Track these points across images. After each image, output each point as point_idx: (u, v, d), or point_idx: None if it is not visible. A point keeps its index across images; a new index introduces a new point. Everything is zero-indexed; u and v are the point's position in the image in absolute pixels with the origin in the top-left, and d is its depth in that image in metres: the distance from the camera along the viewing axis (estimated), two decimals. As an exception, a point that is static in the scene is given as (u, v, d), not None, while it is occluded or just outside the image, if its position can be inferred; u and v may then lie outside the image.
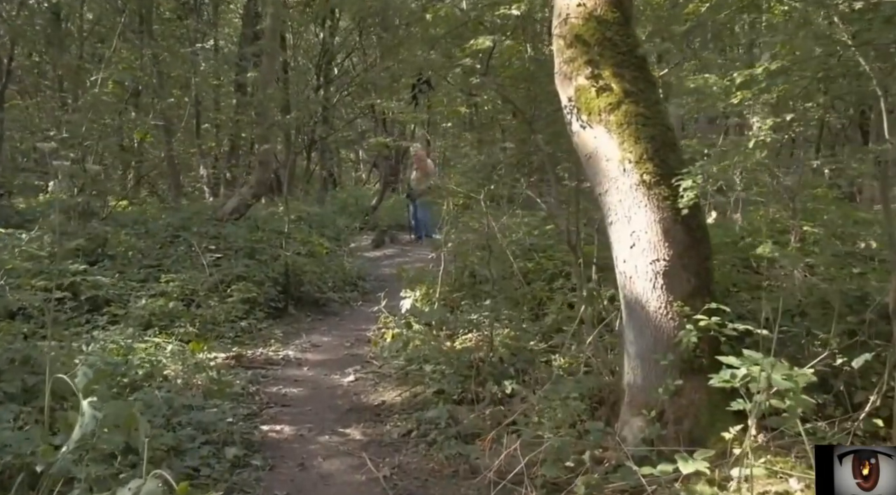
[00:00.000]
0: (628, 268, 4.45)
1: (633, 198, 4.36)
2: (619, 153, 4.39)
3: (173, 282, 8.32)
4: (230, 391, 5.79)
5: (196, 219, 10.61)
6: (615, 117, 4.42)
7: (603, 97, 4.46)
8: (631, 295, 4.48)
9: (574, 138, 4.66)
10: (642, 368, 4.45)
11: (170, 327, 7.50)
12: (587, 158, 4.56)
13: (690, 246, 4.36)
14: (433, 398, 5.46)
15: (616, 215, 4.45)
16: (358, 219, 16.60)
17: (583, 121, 4.53)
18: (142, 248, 9.85)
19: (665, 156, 4.38)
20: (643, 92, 4.49)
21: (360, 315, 9.25)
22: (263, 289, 8.59)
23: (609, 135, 4.43)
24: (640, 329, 4.46)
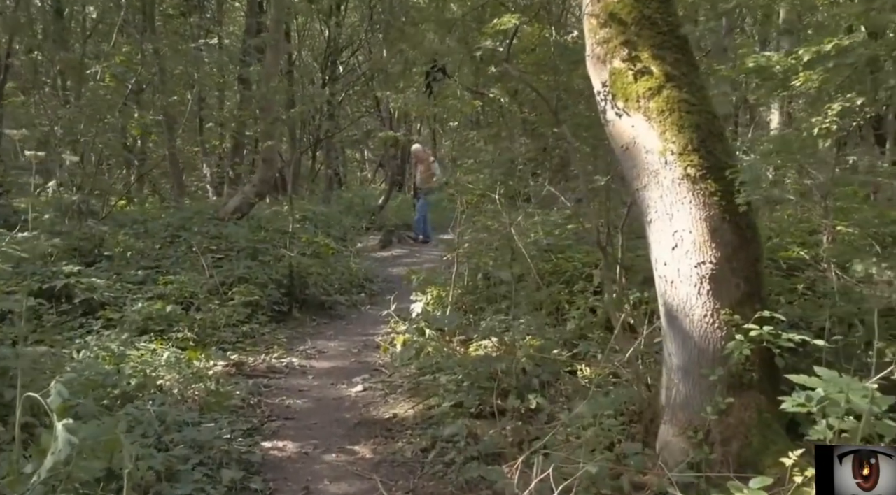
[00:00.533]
0: (669, 271, 3.98)
1: (676, 194, 3.89)
2: (661, 144, 3.92)
3: (172, 284, 7.88)
4: (229, 403, 5.32)
5: (197, 219, 10.17)
6: (655, 104, 3.95)
7: (642, 82, 3.99)
8: (672, 301, 4.01)
9: (608, 128, 4.19)
10: (685, 383, 3.98)
11: (167, 332, 7.06)
12: (623, 150, 4.09)
13: (740, 247, 3.89)
14: (449, 412, 4.99)
15: (656, 213, 3.98)
16: (364, 219, 16.15)
17: (619, 108, 4.06)
18: (140, 249, 9.41)
19: (712, 146, 3.91)
20: (686, 75, 4.02)
21: (367, 318, 8.79)
22: (266, 292, 8.14)
23: (649, 123, 3.96)
24: (682, 339, 3.99)
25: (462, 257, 7.26)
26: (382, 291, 10.33)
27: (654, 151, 3.94)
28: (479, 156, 6.83)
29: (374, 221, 16.32)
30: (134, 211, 13.58)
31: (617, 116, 4.08)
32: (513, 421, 4.70)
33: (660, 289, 4.11)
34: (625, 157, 4.10)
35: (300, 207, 12.76)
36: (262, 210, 12.58)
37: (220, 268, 8.39)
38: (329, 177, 20.53)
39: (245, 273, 8.18)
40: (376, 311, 9.08)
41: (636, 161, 4.03)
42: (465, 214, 7.49)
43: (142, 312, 7.21)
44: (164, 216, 10.69)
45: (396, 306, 7.49)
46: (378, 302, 9.70)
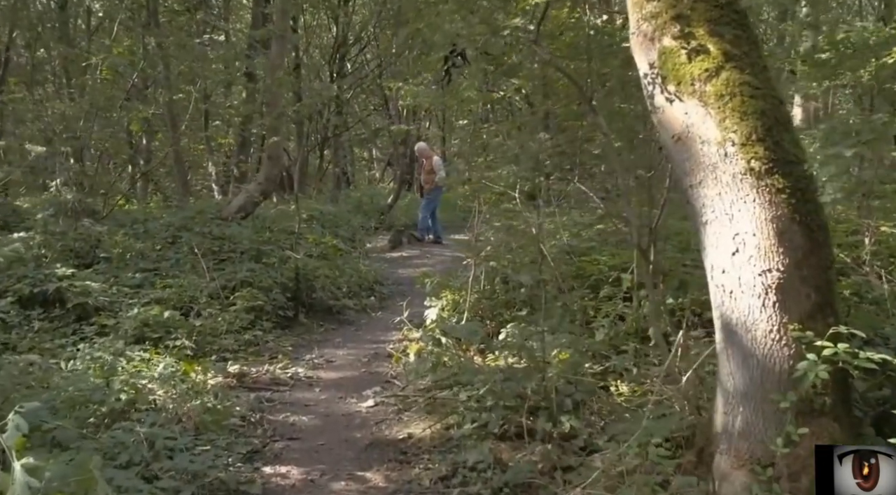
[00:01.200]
0: (729, 280, 3.44)
1: (738, 191, 3.35)
2: (720, 133, 3.38)
3: (170, 288, 7.38)
4: (227, 423, 4.81)
5: (199, 219, 9.67)
6: (713, 87, 3.41)
7: (697, 62, 3.45)
8: (731, 315, 3.47)
9: (656, 116, 3.65)
10: (746, 408, 3.44)
11: (164, 339, 6.57)
12: (674, 141, 3.55)
13: (810, 251, 3.35)
14: (471, 433, 4.46)
15: (713, 213, 3.44)
16: (373, 219, 15.64)
17: (669, 93, 3.52)
18: (140, 250, 8.93)
19: (778, 136, 3.37)
20: (747, 55, 3.48)
21: (378, 324, 8.27)
22: (271, 296, 7.62)
23: (706, 110, 3.42)
24: (742, 358, 3.45)
25: (480, 259, 6.72)
26: (393, 294, 9.82)
27: (712, 142, 3.40)
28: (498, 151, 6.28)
29: (384, 221, 15.81)
30: (136, 210, 13.12)
31: (667, 102, 3.54)
32: (542, 445, 4.17)
33: (716, 300, 3.57)
34: (676, 149, 3.56)
35: (307, 207, 12.25)
36: (267, 209, 12.09)
37: (222, 271, 7.89)
38: (337, 175, 20.03)
39: (248, 276, 7.67)
40: (387, 316, 8.56)
41: (689, 153, 3.49)
42: (482, 214, 6.95)
43: (137, 318, 6.72)
44: (164, 216, 10.19)
45: (408, 311, 6.96)
46: (388, 306, 9.18)
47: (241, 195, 10.17)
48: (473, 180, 6.14)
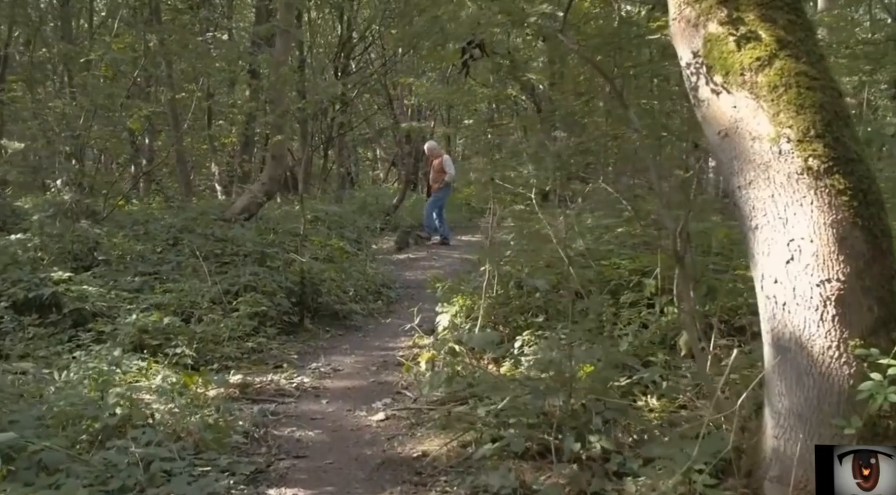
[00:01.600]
0: (781, 291, 3.10)
1: (794, 193, 3.01)
2: (773, 128, 3.04)
3: (170, 292, 7.06)
4: (229, 440, 4.47)
5: (201, 220, 9.34)
6: (766, 77, 3.07)
7: (747, 50, 3.11)
8: (783, 329, 3.13)
9: (700, 110, 3.31)
10: (800, 432, 3.10)
11: (164, 347, 6.24)
12: (721, 137, 3.21)
13: (873, 260, 3.02)
14: (491, 452, 4.12)
15: (764, 217, 3.10)
16: (378, 219, 15.31)
17: (716, 84, 3.18)
18: (140, 252, 8.61)
19: (838, 132, 3.04)
20: (802, 42, 3.14)
21: (386, 329, 7.94)
22: (275, 301, 7.29)
23: (757, 103, 3.08)
24: (796, 377, 3.12)
25: (497, 264, 6.38)
26: (401, 298, 9.49)
27: (764, 138, 3.06)
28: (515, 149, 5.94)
29: (389, 222, 15.49)
30: (137, 211, 12.82)
31: (713, 94, 3.20)
32: (570, 467, 3.83)
33: (766, 312, 3.23)
34: (722, 147, 3.22)
35: (311, 207, 11.93)
36: (271, 210, 11.77)
37: (225, 275, 7.57)
38: (342, 175, 19.70)
39: (251, 280, 7.34)
40: (395, 321, 8.23)
41: (738, 151, 3.15)
42: (496, 216, 6.61)
43: (136, 325, 6.39)
44: (165, 217, 9.86)
45: (417, 315, 6.62)
46: (396, 310, 8.86)
47: (244, 196, 9.84)
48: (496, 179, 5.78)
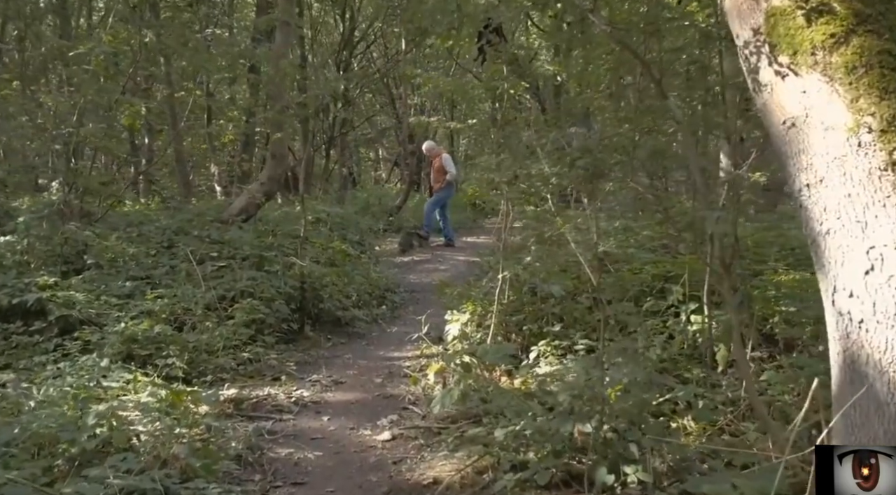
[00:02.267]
0: (858, 306, 2.62)
1: (875, 192, 2.54)
2: (851, 117, 2.57)
3: (162, 298, 6.59)
4: (219, 466, 4.01)
5: (197, 221, 8.88)
6: (842, 58, 2.61)
7: (819, 25, 2.65)
8: (858, 351, 2.66)
9: (761, 96, 2.84)
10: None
11: (154, 357, 5.79)
12: (787, 127, 2.74)
13: (968, 271, 2.54)
14: (512, 483, 3.66)
15: (838, 219, 2.63)
16: (381, 220, 14.86)
17: (781, 65, 2.72)
18: (134, 255, 8.16)
19: (928, 121, 2.56)
20: (884, 16, 2.68)
21: (390, 337, 7.49)
22: (273, 308, 6.83)
23: (831, 86, 2.62)
24: (875, 407, 2.64)
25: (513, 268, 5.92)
26: (406, 303, 9.04)
27: (840, 128, 2.59)
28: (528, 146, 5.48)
29: (392, 223, 15.04)
30: (134, 212, 12.38)
31: (778, 78, 2.74)
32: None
33: (836, 330, 2.76)
34: (787, 138, 2.75)
35: (313, 208, 11.47)
36: (270, 211, 11.31)
37: (220, 280, 7.11)
38: (343, 176, 19.25)
39: (249, 285, 6.87)
40: (400, 328, 7.78)
41: (807, 143, 2.68)
42: (510, 217, 6.15)
43: (124, 333, 5.94)
44: (161, 218, 9.40)
45: (424, 322, 6.17)
46: (401, 316, 8.40)
47: (242, 196, 9.38)
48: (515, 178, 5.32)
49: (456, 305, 6.63)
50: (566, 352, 5.70)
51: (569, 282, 6.19)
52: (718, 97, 4.05)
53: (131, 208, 13.59)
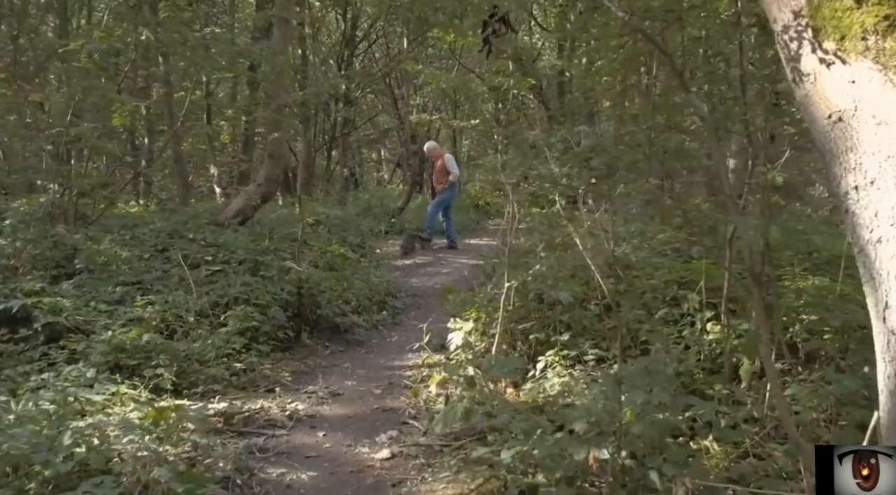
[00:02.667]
0: (915, 324, 2.32)
1: (936, 195, 2.24)
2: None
3: (153, 305, 6.29)
4: (205, 491, 3.70)
5: (192, 224, 8.58)
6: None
7: (871, 7, 2.34)
8: (915, 373, 2.35)
9: (803, 86, 2.53)
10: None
11: (143, 367, 5.50)
12: (833, 122, 2.43)
13: None
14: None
15: (892, 226, 2.32)
16: (383, 222, 14.56)
17: (826, 52, 2.41)
18: (126, 259, 7.86)
19: None
20: (943, -3, 2.36)
21: (391, 344, 7.18)
22: (269, 315, 6.52)
23: (884, 75, 2.31)
24: (934, 436, 2.34)
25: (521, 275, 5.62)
26: (407, 308, 8.74)
27: (893, 123, 2.28)
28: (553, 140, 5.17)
29: (394, 224, 14.74)
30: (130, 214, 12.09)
31: (822, 65, 2.42)
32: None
33: (885, 351, 2.45)
34: (833, 134, 2.44)
35: (312, 210, 11.17)
36: (270, 212, 11.01)
37: (214, 285, 6.80)
38: (345, 177, 18.95)
39: (243, 291, 6.56)
40: (401, 335, 7.47)
41: (856, 140, 2.37)
42: (516, 219, 5.84)
43: (112, 342, 5.64)
44: (155, 221, 9.10)
45: (426, 329, 5.87)
46: (402, 322, 8.09)
47: (238, 198, 9.07)
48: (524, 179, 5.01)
49: (459, 312, 6.32)
50: (575, 363, 5.40)
51: (577, 288, 5.88)
52: (741, 91, 3.74)
53: (127, 210, 13.33)
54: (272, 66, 7.92)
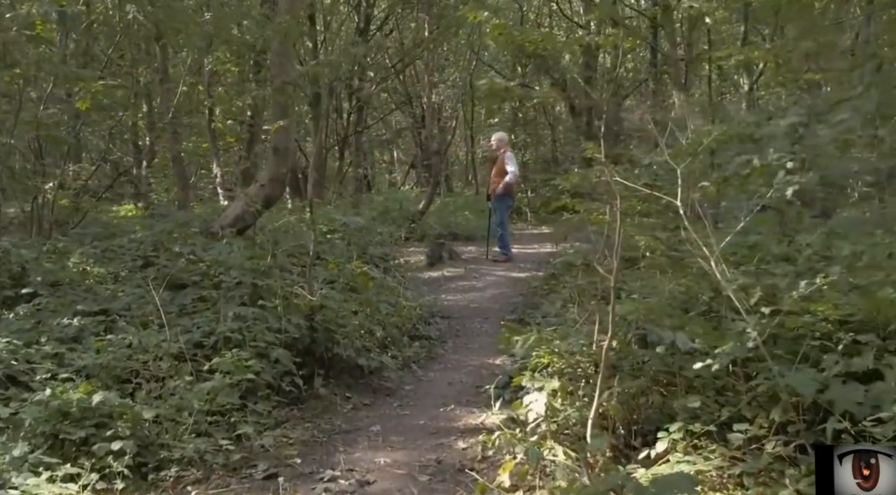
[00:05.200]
0: None
1: None
2: None
3: (112, 349, 4.52)
4: None
5: (180, 233, 6.82)
6: None
7: None
8: None
9: None
10: None
11: (93, 441, 3.76)
12: None
13: None
14: None
15: None
16: (403, 227, 12.79)
17: None
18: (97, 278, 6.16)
19: None
20: None
21: (430, 389, 5.43)
22: (271, 358, 4.72)
23: None
24: None
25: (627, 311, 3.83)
26: (442, 335, 6.98)
27: None
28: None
29: (415, 230, 12.96)
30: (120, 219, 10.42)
31: None
32: None
33: None
34: None
35: (325, 216, 9.38)
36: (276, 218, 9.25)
37: (199, 318, 5.02)
38: (358, 179, 17.15)
39: (236, 328, 4.74)
40: (440, 373, 5.75)
41: None
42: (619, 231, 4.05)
43: (50, 405, 3.90)
44: (138, 229, 7.34)
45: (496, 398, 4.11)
46: (439, 356, 6.35)
47: (237, 201, 7.31)
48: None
49: (526, 354, 4.52)
50: (713, 442, 3.60)
51: (699, 329, 4.08)
52: None
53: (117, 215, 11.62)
54: (275, 30, 6.10)
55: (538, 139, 23.72)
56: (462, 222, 13.98)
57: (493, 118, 24.52)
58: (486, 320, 7.64)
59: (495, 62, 23.36)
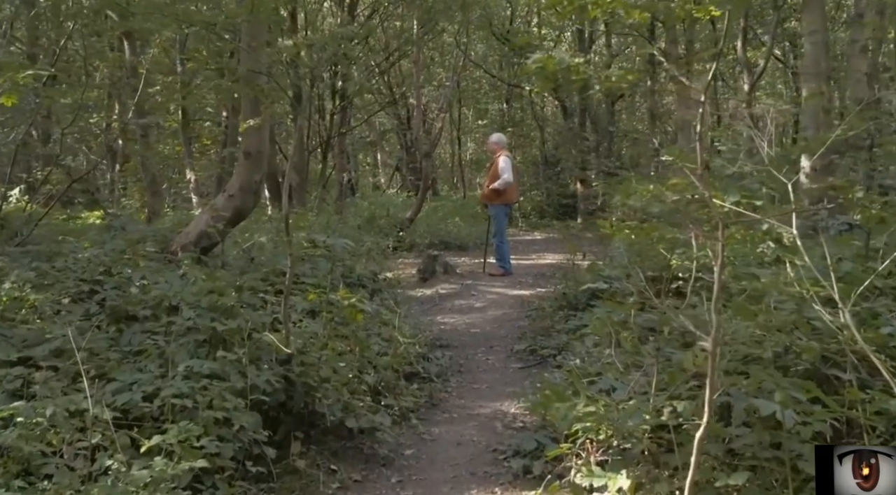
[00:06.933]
0: None
1: None
2: None
3: (15, 417, 3.31)
4: None
5: (133, 254, 5.59)
6: None
7: None
8: None
9: None
10: None
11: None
12: None
13: None
14: None
15: None
16: (391, 235, 11.63)
17: None
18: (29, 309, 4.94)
19: None
20: None
21: (435, 453, 4.26)
22: (233, 431, 3.52)
23: None
24: None
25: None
26: (443, 372, 5.80)
27: None
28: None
29: (403, 239, 11.79)
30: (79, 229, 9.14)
31: None
32: None
33: None
34: None
35: (304, 225, 8.18)
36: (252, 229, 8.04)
37: (145, 372, 3.81)
38: (342, 183, 15.91)
39: (187, 390, 3.53)
40: (445, 430, 4.60)
41: None
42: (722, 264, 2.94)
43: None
44: (87, 245, 6.10)
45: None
46: (442, 401, 5.19)
47: (200, 215, 6.10)
48: None
49: (567, 425, 3.38)
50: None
51: (807, 392, 2.97)
52: None
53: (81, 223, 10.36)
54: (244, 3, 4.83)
55: (528, 140, 22.62)
56: (453, 230, 12.81)
57: (481, 120, 23.49)
58: (492, 350, 6.51)
59: (483, 61, 22.27)
